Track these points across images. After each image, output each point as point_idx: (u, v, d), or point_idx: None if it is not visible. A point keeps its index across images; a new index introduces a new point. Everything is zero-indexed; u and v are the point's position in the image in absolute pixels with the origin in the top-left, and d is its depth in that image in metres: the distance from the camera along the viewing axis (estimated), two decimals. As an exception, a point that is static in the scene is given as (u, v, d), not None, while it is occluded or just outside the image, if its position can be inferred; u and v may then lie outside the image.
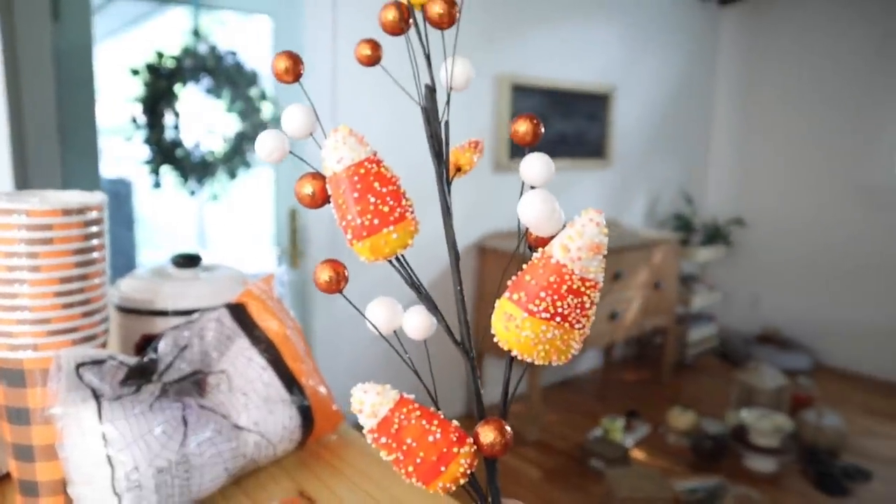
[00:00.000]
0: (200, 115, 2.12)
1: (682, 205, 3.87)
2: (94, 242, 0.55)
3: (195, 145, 2.11)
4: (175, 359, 0.61)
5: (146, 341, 0.71)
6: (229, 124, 2.17)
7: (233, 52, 2.14)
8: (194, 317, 0.66)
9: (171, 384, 0.59)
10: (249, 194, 2.47)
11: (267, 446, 0.64)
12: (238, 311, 0.69)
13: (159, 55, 2.03)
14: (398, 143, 2.02)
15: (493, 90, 2.73)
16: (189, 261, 0.77)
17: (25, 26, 1.54)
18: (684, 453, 2.61)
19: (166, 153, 2.06)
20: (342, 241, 0.28)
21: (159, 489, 0.54)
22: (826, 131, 3.61)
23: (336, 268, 0.29)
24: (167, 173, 2.09)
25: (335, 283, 0.29)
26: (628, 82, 3.37)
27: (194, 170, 2.11)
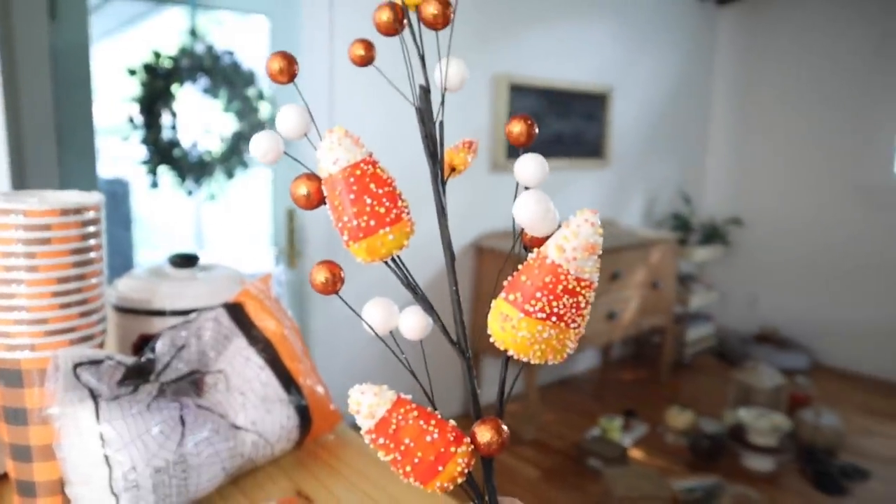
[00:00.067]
0: (198, 115, 2.12)
1: (679, 204, 3.88)
2: (91, 242, 0.55)
3: (192, 145, 2.11)
4: (172, 359, 0.61)
5: (144, 341, 0.71)
6: (226, 124, 2.17)
7: (230, 52, 2.14)
8: (192, 317, 0.66)
9: (169, 384, 0.59)
10: (247, 194, 2.47)
11: (264, 446, 0.64)
12: (236, 310, 0.69)
13: (156, 55, 2.03)
14: (395, 142, 2.02)
15: (491, 90, 2.73)
16: (186, 261, 0.77)
17: (22, 26, 1.54)
18: (682, 453, 2.61)
19: (163, 153, 2.06)
20: (340, 241, 0.28)
21: (157, 489, 0.54)
22: (824, 131, 3.62)
23: (332, 269, 0.29)
24: (164, 173, 2.09)
25: (331, 285, 0.29)
26: (626, 82, 3.38)
27: (192, 170, 2.11)
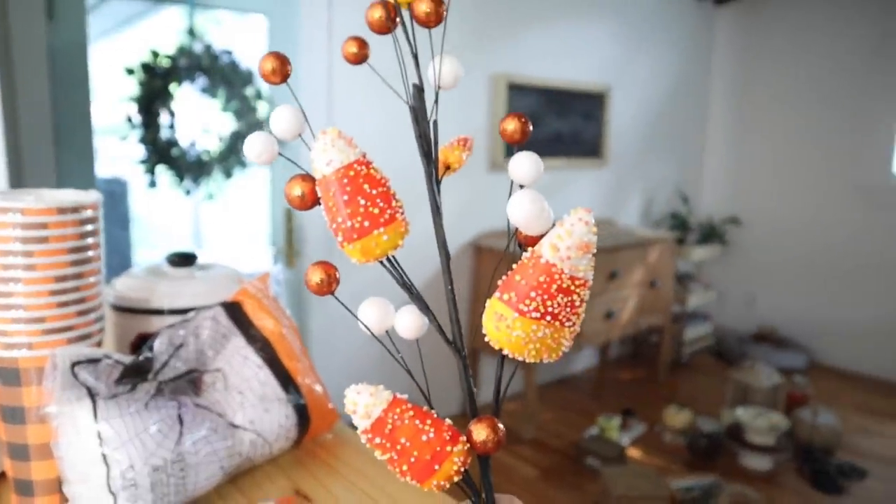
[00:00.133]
0: (196, 114, 2.12)
1: (677, 204, 3.88)
2: (89, 241, 0.55)
3: (191, 145, 2.11)
4: (170, 357, 0.61)
5: (141, 340, 0.71)
6: (225, 124, 2.17)
7: (228, 52, 2.13)
8: (190, 315, 0.66)
9: (167, 383, 0.59)
10: (245, 193, 2.47)
11: (263, 445, 0.64)
12: (234, 309, 0.69)
13: (154, 54, 2.02)
14: (394, 141, 2.02)
15: (489, 89, 2.73)
16: (184, 259, 0.77)
17: (20, 25, 1.54)
18: (680, 452, 2.61)
19: (162, 152, 2.06)
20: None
21: (154, 488, 0.54)
22: (822, 130, 3.62)
23: (327, 269, 0.29)
24: (163, 173, 2.09)
25: (326, 285, 0.29)
26: (624, 81, 3.38)
27: (190, 169, 2.11)
